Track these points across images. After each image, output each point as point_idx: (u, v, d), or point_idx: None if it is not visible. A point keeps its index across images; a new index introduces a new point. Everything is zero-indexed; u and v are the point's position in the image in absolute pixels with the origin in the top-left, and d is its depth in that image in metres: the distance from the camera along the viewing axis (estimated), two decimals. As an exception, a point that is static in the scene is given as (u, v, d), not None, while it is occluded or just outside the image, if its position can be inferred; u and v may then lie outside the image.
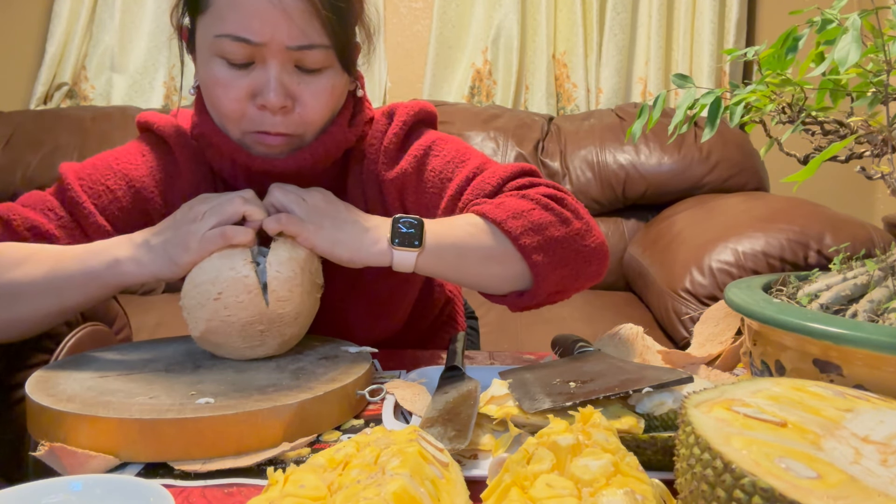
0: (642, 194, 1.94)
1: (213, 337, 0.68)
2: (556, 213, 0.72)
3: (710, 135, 0.59)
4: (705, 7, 2.22)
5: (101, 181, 0.80)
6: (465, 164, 0.80)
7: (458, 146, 0.82)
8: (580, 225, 0.74)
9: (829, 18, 0.52)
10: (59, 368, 0.67)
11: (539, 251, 0.71)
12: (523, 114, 2.12)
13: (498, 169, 0.79)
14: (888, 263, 0.56)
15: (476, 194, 0.77)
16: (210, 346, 0.71)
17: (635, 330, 0.79)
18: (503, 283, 0.74)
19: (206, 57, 0.71)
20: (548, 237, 0.71)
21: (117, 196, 0.80)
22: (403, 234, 0.69)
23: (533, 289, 0.73)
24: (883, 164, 0.55)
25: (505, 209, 0.71)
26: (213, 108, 0.75)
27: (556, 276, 0.73)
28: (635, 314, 1.59)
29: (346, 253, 0.70)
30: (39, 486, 0.47)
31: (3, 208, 0.77)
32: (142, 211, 0.81)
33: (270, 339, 0.70)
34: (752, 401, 0.41)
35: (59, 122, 2.09)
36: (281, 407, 0.58)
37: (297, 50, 0.69)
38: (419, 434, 0.47)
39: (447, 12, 2.31)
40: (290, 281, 0.68)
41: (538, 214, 0.72)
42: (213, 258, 0.67)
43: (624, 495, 0.36)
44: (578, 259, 0.73)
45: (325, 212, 0.72)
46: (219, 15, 0.68)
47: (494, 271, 0.73)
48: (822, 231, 1.34)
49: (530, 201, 0.73)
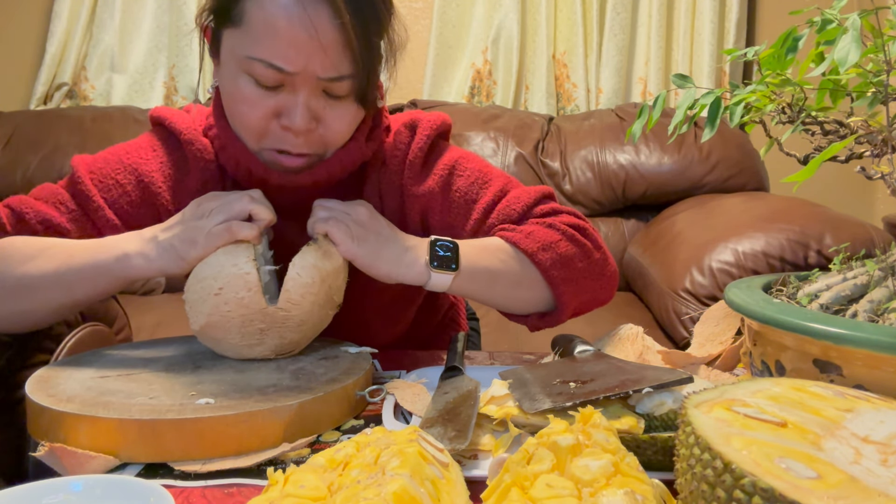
0: (642, 194, 1.94)
1: (213, 332, 0.69)
2: (579, 244, 0.78)
3: (710, 135, 0.59)
4: (705, 7, 2.22)
5: (111, 175, 0.81)
6: (489, 185, 0.83)
7: (480, 165, 0.85)
8: (599, 256, 0.80)
9: (828, 18, 0.52)
10: (59, 368, 0.67)
11: (566, 283, 0.77)
12: (523, 114, 2.12)
13: (521, 194, 0.82)
14: (888, 263, 0.56)
15: (502, 219, 0.80)
16: (209, 342, 0.71)
17: (635, 330, 0.79)
18: (527, 307, 0.80)
19: (234, 71, 0.70)
20: (573, 269, 0.77)
21: (126, 190, 0.80)
22: (441, 256, 0.71)
23: (556, 314, 0.79)
24: (883, 165, 0.55)
25: (535, 240, 0.76)
26: (233, 120, 0.75)
27: (577, 302, 0.79)
28: (635, 314, 1.59)
29: (384, 268, 0.71)
30: (39, 487, 0.47)
31: (16, 201, 0.78)
32: (150, 205, 0.81)
33: (269, 340, 0.70)
34: (752, 401, 0.41)
35: (59, 123, 2.09)
36: (281, 407, 0.58)
37: (327, 80, 0.69)
38: (419, 434, 0.47)
39: (447, 12, 2.31)
40: (306, 287, 0.68)
41: (564, 247, 0.77)
42: (218, 254, 0.67)
43: (624, 495, 0.37)
44: (596, 287, 0.81)
45: (369, 226, 0.73)
46: (253, 36, 0.67)
47: (522, 296, 0.78)
48: (822, 231, 1.34)
49: (557, 232, 0.77)
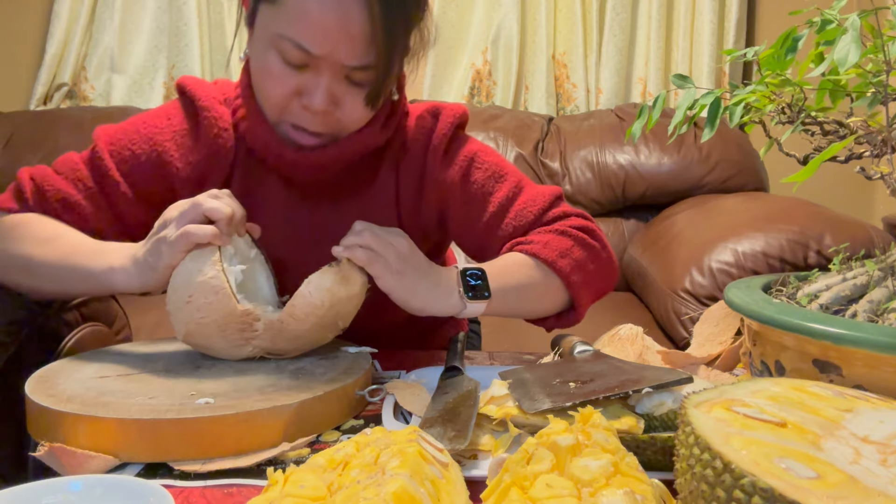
0: (642, 194, 1.94)
1: (195, 339, 0.69)
2: (590, 247, 0.83)
3: (710, 135, 0.59)
4: (705, 7, 2.22)
5: (127, 146, 0.83)
6: (504, 179, 0.86)
7: (496, 159, 0.88)
8: (605, 255, 0.86)
9: (828, 19, 0.52)
10: (59, 368, 0.67)
11: (582, 285, 0.82)
12: (523, 114, 2.12)
13: (536, 196, 0.86)
14: (888, 264, 0.56)
15: (520, 221, 0.84)
16: (198, 348, 0.71)
17: (635, 330, 0.79)
18: (549, 312, 0.84)
19: (264, 45, 0.73)
20: (587, 272, 0.82)
21: (140, 161, 0.82)
22: (473, 286, 0.73)
23: (575, 314, 0.84)
24: (882, 165, 0.55)
25: (552, 249, 0.80)
26: (258, 92, 0.77)
27: (591, 301, 0.85)
28: (635, 314, 1.59)
29: (419, 303, 0.72)
30: (39, 486, 0.47)
31: (40, 175, 0.82)
32: (162, 176, 0.83)
33: (258, 342, 0.69)
34: (752, 401, 0.41)
35: (58, 123, 2.09)
36: (280, 407, 0.58)
37: (350, 68, 0.72)
38: (419, 434, 0.47)
39: (447, 12, 2.31)
40: (313, 308, 0.68)
41: (578, 252, 0.82)
42: (186, 262, 0.67)
43: (624, 495, 0.37)
44: (605, 284, 0.87)
45: (409, 261, 0.72)
46: (286, 15, 0.69)
47: (546, 305, 0.83)
48: (821, 231, 1.34)
49: (570, 238, 0.82)
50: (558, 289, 0.81)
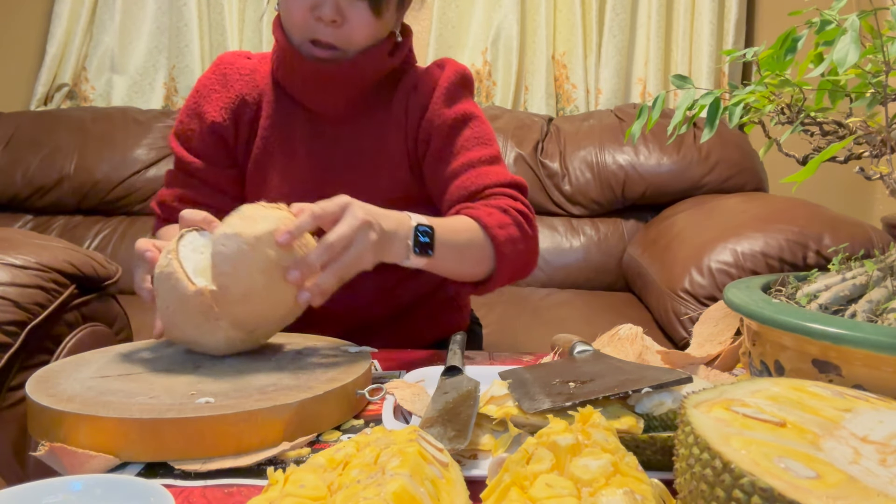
0: (641, 195, 1.94)
1: (173, 333, 0.71)
2: (524, 231, 0.90)
3: (710, 135, 0.59)
4: (704, 8, 2.22)
5: (186, 130, 0.99)
6: (486, 147, 0.95)
7: (488, 130, 0.98)
8: (534, 246, 0.93)
9: (827, 19, 0.52)
10: (59, 369, 0.67)
11: (508, 261, 0.87)
12: (523, 114, 2.12)
13: (502, 172, 0.94)
14: (887, 264, 0.56)
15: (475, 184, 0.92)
16: (181, 342, 0.73)
17: (635, 330, 0.79)
18: (474, 277, 0.89)
19: None
20: (517, 251, 0.88)
21: (196, 134, 0.98)
22: (422, 243, 0.77)
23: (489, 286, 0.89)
24: (881, 165, 0.55)
25: (494, 219, 0.87)
26: (285, 17, 0.91)
27: (506, 277, 0.90)
28: (634, 314, 1.59)
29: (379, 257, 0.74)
30: (39, 486, 0.47)
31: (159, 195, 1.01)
32: (211, 133, 0.97)
33: (219, 320, 0.67)
34: (752, 401, 0.41)
35: (59, 123, 2.09)
36: (281, 406, 0.58)
37: None
38: (419, 434, 0.47)
39: (447, 13, 2.31)
40: (234, 257, 0.66)
41: (514, 231, 0.88)
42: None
43: (623, 495, 0.37)
44: (524, 267, 0.93)
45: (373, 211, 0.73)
46: None
47: (475, 270, 0.87)
48: (820, 231, 1.34)
49: (510, 217, 0.89)
50: (488, 257, 0.86)
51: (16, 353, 0.83)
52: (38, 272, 0.89)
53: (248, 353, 0.74)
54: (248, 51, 1.06)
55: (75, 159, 2.03)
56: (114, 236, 1.98)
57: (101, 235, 1.99)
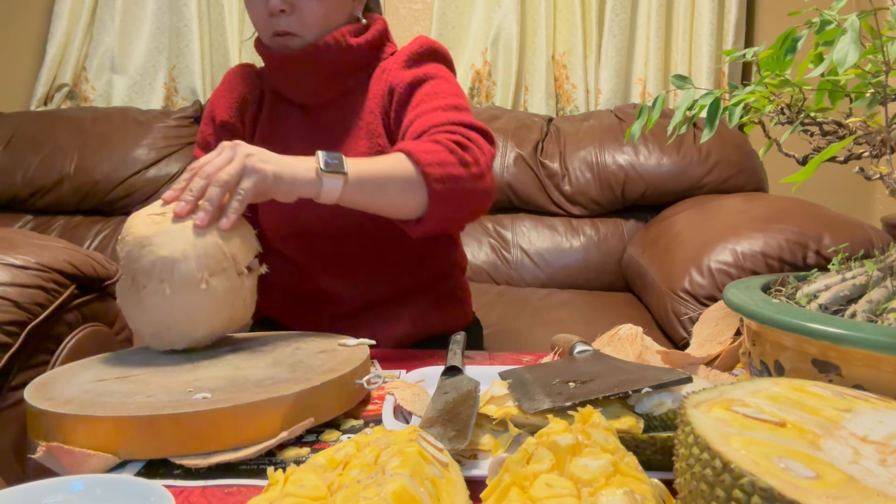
0: (641, 195, 1.94)
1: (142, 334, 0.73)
2: (458, 156, 0.85)
3: (710, 135, 0.59)
4: (704, 8, 2.22)
5: (205, 135, 1.07)
6: (441, 98, 0.95)
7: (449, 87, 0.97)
8: (476, 171, 0.86)
9: (827, 19, 0.52)
10: (58, 375, 0.68)
11: (442, 199, 0.83)
12: (523, 115, 2.12)
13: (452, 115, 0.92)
14: (887, 264, 0.56)
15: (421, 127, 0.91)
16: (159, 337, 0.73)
17: (634, 330, 0.79)
18: (406, 212, 0.85)
19: None
20: (454, 190, 0.84)
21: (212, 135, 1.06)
22: (331, 164, 0.78)
23: (423, 225, 0.85)
24: (881, 165, 0.55)
25: (429, 154, 0.84)
26: (253, 24, 0.99)
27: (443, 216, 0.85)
28: (634, 315, 1.59)
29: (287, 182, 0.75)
30: (39, 486, 0.47)
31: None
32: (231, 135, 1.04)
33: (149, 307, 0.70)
34: (751, 401, 0.41)
35: (59, 123, 2.09)
36: (278, 398, 0.58)
37: None
38: (419, 434, 0.47)
39: (447, 13, 2.31)
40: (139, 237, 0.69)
41: (454, 169, 0.84)
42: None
43: (623, 495, 0.37)
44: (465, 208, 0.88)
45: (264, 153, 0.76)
46: None
47: (404, 201, 0.83)
48: (820, 231, 1.34)
49: (454, 155, 0.85)
50: (419, 191, 0.82)
51: (16, 353, 0.83)
52: (38, 272, 0.89)
53: (245, 351, 0.74)
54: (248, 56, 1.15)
55: (75, 159, 2.03)
56: (114, 236, 1.98)
57: (101, 235, 1.99)
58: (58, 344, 0.92)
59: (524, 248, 1.95)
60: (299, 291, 1.07)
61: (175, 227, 0.69)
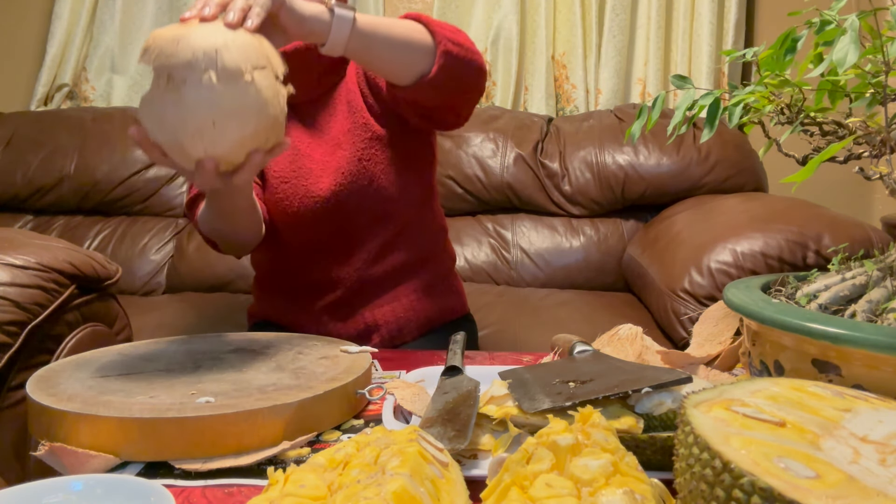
0: (641, 195, 1.94)
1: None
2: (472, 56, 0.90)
3: (709, 135, 0.59)
4: (704, 8, 2.22)
5: None
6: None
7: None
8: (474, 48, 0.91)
9: (827, 20, 0.52)
10: (60, 369, 0.68)
11: (448, 41, 0.86)
12: (523, 115, 2.12)
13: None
14: (886, 264, 0.56)
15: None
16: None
17: (634, 330, 0.79)
18: (411, 71, 0.87)
19: None
20: (454, 37, 0.88)
21: None
22: (340, 5, 0.79)
23: (428, 81, 0.86)
24: (881, 165, 0.55)
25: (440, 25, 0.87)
26: None
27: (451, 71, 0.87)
28: (634, 314, 1.59)
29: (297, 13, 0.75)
30: (40, 486, 0.47)
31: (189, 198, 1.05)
32: None
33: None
34: (751, 401, 0.41)
35: (59, 123, 2.09)
36: (281, 406, 0.58)
37: None
38: (419, 434, 0.47)
39: (446, 13, 2.31)
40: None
41: (448, 28, 0.88)
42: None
43: (623, 495, 0.37)
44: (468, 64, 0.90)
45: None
46: None
47: (411, 59, 0.86)
48: (820, 231, 1.34)
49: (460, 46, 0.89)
50: (427, 52, 0.86)
51: (16, 353, 0.83)
52: (38, 272, 0.89)
53: (249, 353, 0.74)
54: None
55: (75, 159, 2.03)
56: (114, 236, 1.98)
57: (101, 235, 1.99)
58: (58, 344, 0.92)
59: (524, 248, 1.95)
60: (295, 284, 1.08)
61: (207, 25, 0.65)
